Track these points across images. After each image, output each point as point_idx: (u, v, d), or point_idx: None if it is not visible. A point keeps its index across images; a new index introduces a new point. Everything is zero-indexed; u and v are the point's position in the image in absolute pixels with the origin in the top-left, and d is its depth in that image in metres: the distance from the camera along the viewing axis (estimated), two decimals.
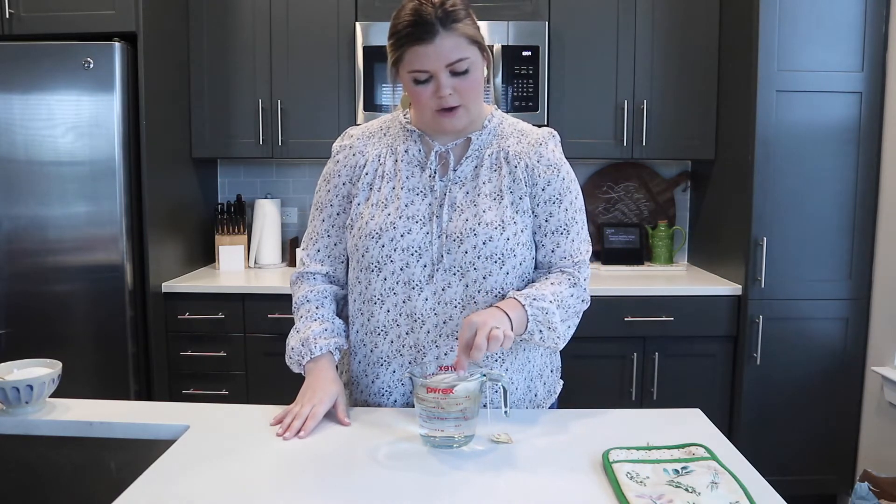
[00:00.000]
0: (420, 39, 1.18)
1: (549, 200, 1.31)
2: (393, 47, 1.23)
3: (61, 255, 2.49)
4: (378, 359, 1.32)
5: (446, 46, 1.19)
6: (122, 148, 2.47)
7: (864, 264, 2.63)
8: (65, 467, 1.26)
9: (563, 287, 1.28)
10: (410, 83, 1.24)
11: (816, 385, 2.66)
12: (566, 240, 1.31)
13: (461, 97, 1.23)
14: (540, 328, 1.23)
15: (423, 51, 1.19)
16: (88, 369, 2.52)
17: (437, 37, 1.18)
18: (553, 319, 1.24)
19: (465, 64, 1.21)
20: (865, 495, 2.17)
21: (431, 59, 1.19)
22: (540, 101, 2.82)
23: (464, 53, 1.20)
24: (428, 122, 1.29)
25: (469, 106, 1.26)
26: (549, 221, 1.31)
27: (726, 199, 2.85)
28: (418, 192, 1.30)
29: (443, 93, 1.21)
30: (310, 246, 1.40)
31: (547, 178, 1.30)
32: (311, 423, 1.20)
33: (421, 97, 1.24)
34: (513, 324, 1.18)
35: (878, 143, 2.58)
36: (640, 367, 2.69)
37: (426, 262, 1.27)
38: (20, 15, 2.51)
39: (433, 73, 1.20)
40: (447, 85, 1.21)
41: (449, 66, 1.20)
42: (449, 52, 1.19)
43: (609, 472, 1.03)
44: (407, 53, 1.20)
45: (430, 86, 1.22)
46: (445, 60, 1.19)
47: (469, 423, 1.13)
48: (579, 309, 1.32)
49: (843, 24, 2.53)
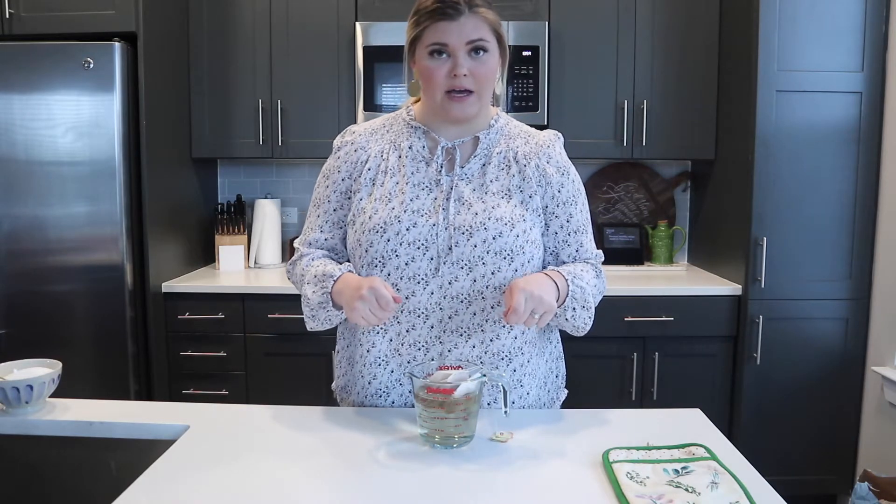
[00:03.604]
0: (445, 15, 1.21)
1: (567, 202, 1.33)
2: (414, 24, 1.25)
3: (61, 255, 2.49)
4: (375, 358, 1.30)
5: (469, 25, 1.22)
6: (122, 148, 2.47)
7: (864, 264, 2.62)
8: (65, 467, 1.26)
9: (592, 275, 1.33)
10: (426, 59, 1.24)
11: (816, 385, 2.66)
12: (587, 238, 1.36)
13: (475, 81, 1.24)
14: (574, 305, 1.26)
15: (446, 26, 1.22)
16: (88, 369, 2.51)
17: (462, 16, 1.22)
18: (588, 299, 1.27)
19: (484, 44, 1.23)
20: (865, 495, 2.17)
21: (453, 35, 1.22)
22: (540, 101, 2.82)
23: (485, 36, 1.23)
24: (436, 107, 1.28)
25: (481, 94, 1.26)
26: (570, 222, 1.33)
27: (726, 199, 2.85)
28: (424, 187, 1.29)
29: (458, 71, 1.22)
30: (303, 239, 1.39)
31: (560, 181, 1.33)
32: (385, 291, 1.15)
33: (435, 75, 1.24)
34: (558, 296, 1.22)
35: (878, 143, 2.58)
36: (640, 367, 2.69)
37: (432, 255, 1.26)
38: (20, 15, 2.51)
39: (452, 49, 1.22)
40: (464, 64, 1.22)
41: (469, 43, 1.22)
42: (471, 30, 1.22)
43: (609, 472, 1.03)
44: (428, 30, 1.23)
45: (447, 64, 1.23)
46: (467, 37, 1.22)
47: (469, 423, 1.13)
48: (599, 299, 1.35)
49: (843, 24, 2.53)
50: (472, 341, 1.27)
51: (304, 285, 1.32)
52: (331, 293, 1.25)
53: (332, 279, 1.26)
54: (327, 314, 1.28)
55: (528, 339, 1.31)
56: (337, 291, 1.24)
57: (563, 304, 1.24)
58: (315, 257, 1.34)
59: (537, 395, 1.36)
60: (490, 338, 1.27)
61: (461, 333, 1.27)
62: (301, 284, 1.33)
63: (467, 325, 1.27)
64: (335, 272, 1.26)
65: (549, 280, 1.22)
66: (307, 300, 1.29)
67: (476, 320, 1.27)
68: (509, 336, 1.29)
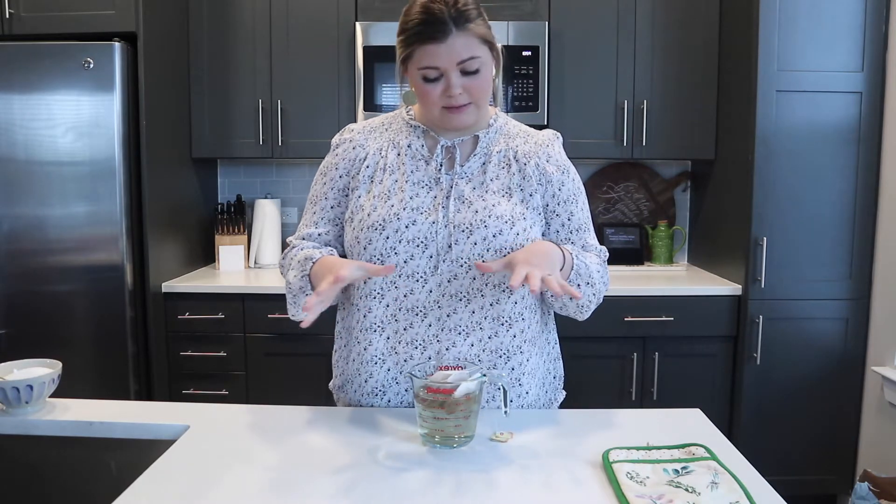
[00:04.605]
0: (432, 38, 1.18)
1: (567, 200, 1.33)
2: (403, 44, 1.23)
3: (61, 255, 2.49)
4: (372, 357, 1.29)
5: (458, 45, 1.19)
6: (122, 148, 2.47)
7: (864, 264, 2.62)
8: (65, 467, 1.26)
9: (596, 261, 1.33)
10: (420, 81, 1.23)
11: (816, 385, 2.66)
12: (590, 235, 1.36)
13: (471, 95, 1.23)
14: (579, 281, 1.26)
15: (435, 49, 1.19)
16: (88, 369, 2.51)
17: (450, 36, 1.18)
18: (593, 276, 1.28)
19: (476, 63, 1.21)
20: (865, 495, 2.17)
21: (443, 58, 1.19)
22: (540, 101, 2.82)
23: (475, 52, 1.20)
24: (435, 119, 1.28)
25: (479, 103, 1.26)
26: (571, 220, 1.34)
27: (726, 198, 2.85)
28: (423, 185, 1.29)
29: (452, 92, 1.21)
30: (297, 234, 1.38)
31: (560, 179, 1.33)
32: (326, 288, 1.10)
33: (430, 95, 1.23)
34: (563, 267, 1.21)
35: (878, 143, 2.58)
36: (640, 367, 2.69)
37: (431, 253, 1.26)
38: (20, 15, 2.51)
39: (444, 71, 1.21)
40: (457, 84, 1.21)
41: (460, 64, 1.20)
42: (461, 50, 1.19)
43: (609, 472, 1.03)
44: (417, 51, 1.20)
45: (440, 84, 1.22)
46: (457, 58, 1.19)
47: (469, 423, 1.13)
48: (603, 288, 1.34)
49: (843, 24, 2.53)
50: (471, 339, 1.27)
51: (287, 272, 1.31)
52: (309, 275, 1.25)
53: (311, 261, 1.25)
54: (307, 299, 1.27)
55: (526, 337, 1.31)
56: (314, 273, 1.23)
57: (568, 278, 1.24)
58: (304, 247, 1.33)
59: (536, 394, 1.36)
60: (488, 335, 1.27)
61: (459, 332, 1.26)
62: (286, 272, 1.33)
63: (466, 323, 1.26)
64: (315, 255, 1.26)
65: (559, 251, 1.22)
66: (289, 286, 1.29)
67: (475, 318, 1.26)
68: (507, 334, 1.28)
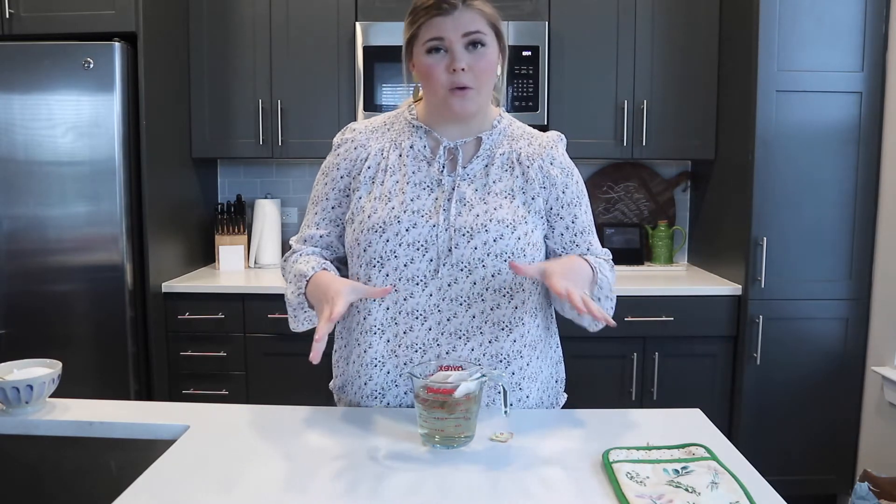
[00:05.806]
0: (440, 10, 1.21)
1: (571, 203, 1.33)
2: (410, 24, 1.25)
3: (61, 255, 2.49)
4: (372, 359, 1.29)
5: (465, 18, 1.22)
6: (122, 148, 2.47)
7: (863, 264, 2.62)
8: (65, 467, 1.26)
9: (608, 268, 1.34)
10: (424, 56, 1.24)
11: (816, 385, 2.66)
12: (593, 238, 1.37)
13: (474, 77, 1.23)
14: (600, 295, 1.27)
15: (441, 21, 1.21)
16: (88, 369, 2.51)
17: (457, 10, 1.21)
18: (612, 289, 1.30)
19: (481, 37, 1.23)
20: (865, 495, 2.17)
21: (449, 28, 1.21)
22: (540, 101, 2.82)
23: (481, 28, 1.23)
24: (438, 104, 1.27)
25: (480, 89, 1.25)
26: (575, 223, 1.33)
27: (726, 199, 2.85)
28: (425, 187, 1.28)
29: (457, 65, 1.21)
30: (299, 236, 1.39)
31: (564, 182, 1.32)
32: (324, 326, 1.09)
33: (434, 71, 1.23)
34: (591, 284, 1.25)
35: (878, 143, 2.58)
36: (640, 367, 2.69)
37: (432, 257, 1.25)
38: (20, 15, 2.51)
39: (449, 43, 1.22)
40: (462, 58, 1.22)
41: (465, 35, 1.22)
42: (467, 23, 1.22)
43: (609, 472, 1.03)
44: (424, 26, 1.22)
45: (445, 59, 1.23)
46: (463, 29, 1.21)
47: (469, 423, 1.13)
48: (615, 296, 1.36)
49: (843, 24, 2.53)
50: (471, 344, 1.26)
51: (286, 283, 1.32)
52: (305, 293, 1.26)
53: (304, 279, 1.26)
54: (306, 314, 1.29)
55: (526, 342, 1.31)
56: (309, 293, 1.25)
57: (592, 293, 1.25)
58: (302, 254, 1.34)
59: (537, 398, 1.35)
60: (489, 340, 1.27)
61: (460, 336, 1.26)
62: (286, 281, 1.34)
63: (466, 327, 1.26)
64: (307, 272, 1.26)
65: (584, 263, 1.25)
66: (287, 301, 1.30)
67: (475, 323, 1.26)
68: (508, 339, 1.28)
